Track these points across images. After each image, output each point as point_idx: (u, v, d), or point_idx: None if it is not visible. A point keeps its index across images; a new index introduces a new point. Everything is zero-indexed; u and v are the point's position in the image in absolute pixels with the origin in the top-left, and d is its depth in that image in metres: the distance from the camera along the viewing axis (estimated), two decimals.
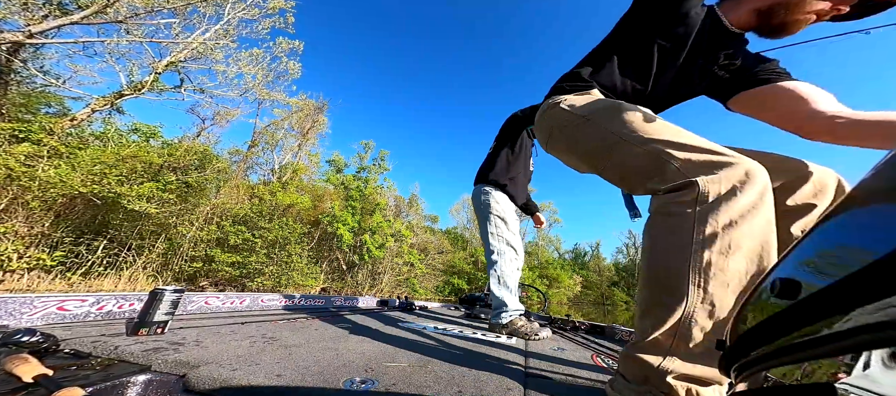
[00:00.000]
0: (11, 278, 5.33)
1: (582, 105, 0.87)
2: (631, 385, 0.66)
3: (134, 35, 7.76)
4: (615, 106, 0.81)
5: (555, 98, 0.96)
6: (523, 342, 1.54)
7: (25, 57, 6.96)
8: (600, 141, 0.78)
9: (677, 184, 0.63)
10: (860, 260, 0.17)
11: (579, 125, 0.84)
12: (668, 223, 0.63)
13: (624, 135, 0.73)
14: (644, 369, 0.63)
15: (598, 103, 0.85)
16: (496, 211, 2.14)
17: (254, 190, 11.12)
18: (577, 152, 0.88)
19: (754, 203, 0.58)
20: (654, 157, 0.67)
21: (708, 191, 0.59)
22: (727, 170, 0.60)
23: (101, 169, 6.24)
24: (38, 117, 6.62)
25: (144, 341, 0.89)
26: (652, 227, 0.68)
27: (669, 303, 0.60)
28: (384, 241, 12.29)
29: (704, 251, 0.57)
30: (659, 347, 0.61)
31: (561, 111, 0.91)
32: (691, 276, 0.58)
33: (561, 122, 0.90)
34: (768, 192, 0.60)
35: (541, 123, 1.01)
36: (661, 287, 0.63)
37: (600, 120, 0.79)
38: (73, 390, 0.53)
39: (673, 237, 0.62)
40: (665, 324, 0.60)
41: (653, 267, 0.65)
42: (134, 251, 7.19)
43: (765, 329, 0.26)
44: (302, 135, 15.72)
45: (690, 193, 0.60)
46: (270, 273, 8.73)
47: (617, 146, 0.74)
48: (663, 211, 0.65)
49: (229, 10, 9.06)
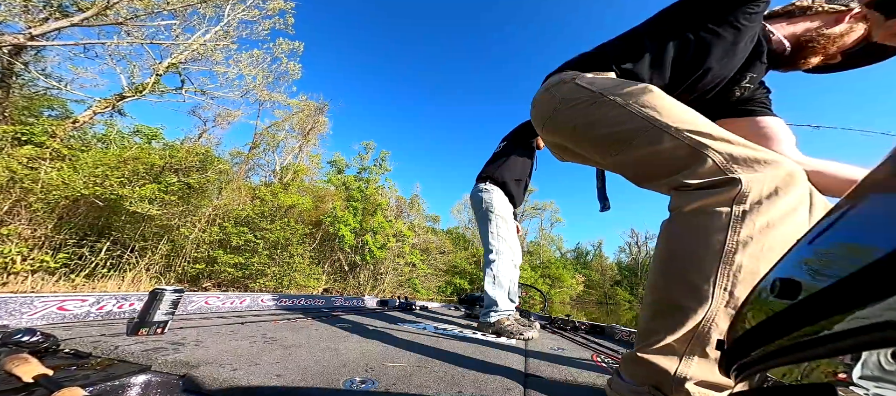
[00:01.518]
0: (15, 280, 5.37)
1: (603, 81, 0.78)
2: (634, 388, 0.64)
3: (134, 37, 7.79)
4: (646, 87, 0.72)
5: (566, 73, 0.85)
6: (523, 342, 1.54)
7: (27, 60, 7.00)
8: (623, 124, 0.69)
9: (715, 180, 0.58)
10: (860, 260, 0.16)
11: (597, 103, 0.74)
12: (699, 221, 0.59)
13: (656, 121, 0.65)
14: (655, 374, 0.60)
15: (625, 83, 0.75)
16: (498, 211, 2.14)
17: (255, 191, 11.15)
18: (589, 134, 0.77)
19: (794, 206, 0.55)
20: (691, 149, 0.61)
21: (750, 191, 0.55)
22: (770, 169, 0.56)
23: (104, 171, 6.27)
24: (41, 120, 6.66)
25: (144, 341, 0.89)
26: (677, 225, 0.63)
27: (689, 306, 0.57)
28: (386, 242, 12.31)
29: (738, 253, 0.54)
30: (672, 351, 0.58)
31: (575, 87, 0.81)
32: (719, 280, 0.54)
33: (572, 99, 0.80)
34: (807, 196, 0.57)
35: (543, 99, 0.89)
36: (682, 289, 0.59)
37: (628, 100, 0.70)
38: (73, 390, 0.53)
39: (703, 237, 0.57)
40: (682, 328, 0.57)
41: (674, 268, 0.61)
42: (137, 253, 7.23)
43: (765, 329, 0.26)
44: (303, 136, 15.75)
45: (730, 191, 0.56)
46: (273, 274, 8.77)
47: (645, 132, 0.66)
48: (694, 209, 0.60)
49: (229, 11, 9.08)
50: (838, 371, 0.20)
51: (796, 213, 0.55)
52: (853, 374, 0.19)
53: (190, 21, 8.58)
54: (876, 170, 0.18)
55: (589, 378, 0.96)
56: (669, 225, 0.64)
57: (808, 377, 0.22)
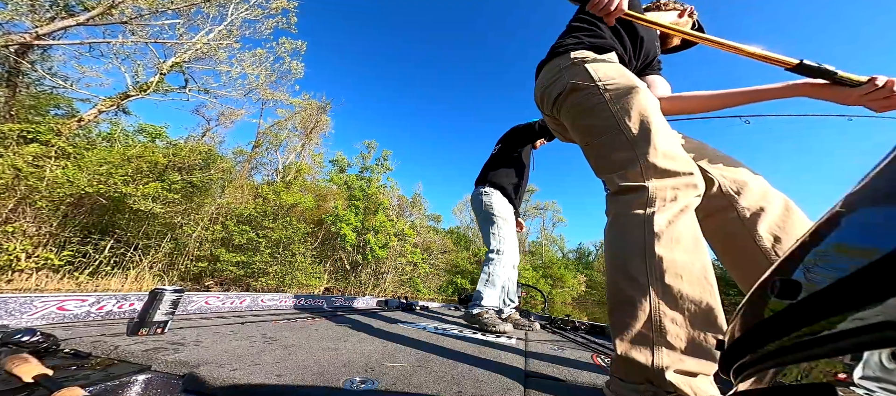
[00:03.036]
0: (20, 277, 5.41)
1: (605, 70, 0.87)
2: (630, 386, 0.65)
3: (139, 36, 7.84)
4: (632, 88, 0.81)
5: (582, 53, 0.92)
6: (523, 342, 1.54)
7: (33, 59, 7.05)
8: (601, 117, 0.80)
9: (632, 186, 0.72)
10: (860, 260, 0.16)
11: (593, 93, 0.84)
12: (624, 223, 0.71)
13: (623, 123, 0.77)
14: (640, 369, 0.63)
15: (620, 79, 0.84)
16: (499, 213, 2.18)
17: (258, 190, 11.19)
18: (579, 120, 0.87)
19: (686, 205, 0.69)
20: (631, 155, 0.73)
21: (655, 197, 0.69)
22: (672, 179, 0.70)
23: (108, 169, 6.31)
24: (47, 118, 6.70)
25: (144, 341, 0.89)
26: (612, 228, 0.75)
27: (636, 296, 0.65)
28: (387, 241, 12.33)
29: (656, 246, 0.65)
30: (643, 341, 0.63)
31: (585, 72, 0.88)
32: (649, 270, 0.65)
33: (581, 84, 0.87)
34: (698, 198, 0.72)
35: (556, 73, 0.94)
36: (627, 282, 0.67)
37: (614, 96, 0.81)
38: (73, 390, 0.53)
39: (629, 235, 0.69)
40: (639, 318, 0.64)
41: (617, 264, 0.70)
42: (140, 250, 7.27)
43: (765, 329, 0.26)
44: (305, 134, 15.80)
45: (642, 196, 0.70)
46: (274, 272, 8.79)
47: (612, 130, 0.78)
48: (619, 213, 0.73)
49: (232, 10, 9.11)
50: (838, 372, 0.20)
51: (689, 210, 0.69)
52: (853, 374, 0.18)
53: (194, 20, 8.62)
54: (875, 170, 0.18)
55: (589, 379, 0.96)
56: (608, 229, 0.76)
57: (807, 377, 0.22)
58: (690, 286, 0.63)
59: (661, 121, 0.78)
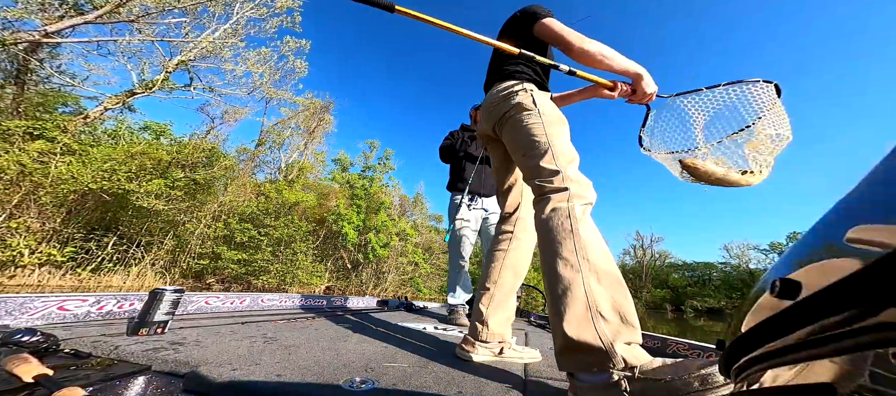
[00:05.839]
0: (23, 273, 5.45)
1: (542, 101, 1.09)
2: (587, 378, 0.66)
3: (146, 34, 7.89)
4: (562, 120, 1.07)
5: (531, 85, 1.14)
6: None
7: (42, 56, 7.12)
8: (537, 138, 1.01)
9: (559, 187, 0.89)
10: (860, 260, 0.16)
11: (532, 116, 1.05)
12: (554, 216, 0.86)
13: (552, 143, 0.98)
14: (593, 354, 0.65)
15: (554, 113, 1.08)
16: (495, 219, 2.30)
17: (260, 188, 11.23)
18: (519, 137, 1.06)
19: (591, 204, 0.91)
20: (555, 168, 0.93)
21: (575, 194, 0.88)
22: (579, 182, 0.91)
23: (112, 165, 6.35)
24: (53, 115, 6.75)
25: (144, 341, 0.89)
26: (543, 225, 0.88)
27: (572, 278, 0.75)
28: (389, 240, 12.32)
29: (580, 230, 0.81)
30: (587, 321, 0.69)
31: (528, 99, 1.08)
32: (578, 251, 0.78)
33: (524, 108, 1.07)
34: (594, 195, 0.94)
35: (503, 99, 1.13)
36: (563, 267, 0.78)
37: (547, 122, 1.03)
38: (73, 390, 0.52)
39: (559, 226, 0.84)
40: (578, 299, 0.72)
41: (552, 252, 0.82)
42: (143, 247, 7.31)
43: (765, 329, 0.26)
44: (308, 133, 15.85)
45: (565, 194, 0.88)
46: (276, 270, 8.81)
47: (543, 148, 0.98)
48: (550, 209, 0.88)
49: (238, 8, 9.16)
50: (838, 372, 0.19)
51: (590, 208, 0.89)
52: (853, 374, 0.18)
53: (200, 18, 8.68)
54: (875, 171, 0.18)
55: None
56: (541, 223, 0.89)
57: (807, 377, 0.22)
58: (605, 260, 0.78)
59: (573, 147, 1.03)
